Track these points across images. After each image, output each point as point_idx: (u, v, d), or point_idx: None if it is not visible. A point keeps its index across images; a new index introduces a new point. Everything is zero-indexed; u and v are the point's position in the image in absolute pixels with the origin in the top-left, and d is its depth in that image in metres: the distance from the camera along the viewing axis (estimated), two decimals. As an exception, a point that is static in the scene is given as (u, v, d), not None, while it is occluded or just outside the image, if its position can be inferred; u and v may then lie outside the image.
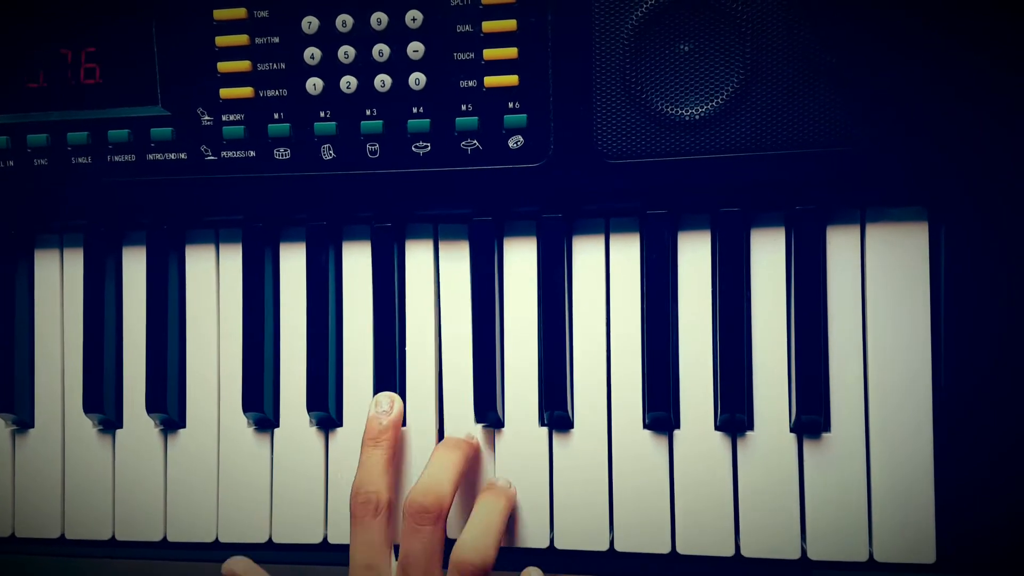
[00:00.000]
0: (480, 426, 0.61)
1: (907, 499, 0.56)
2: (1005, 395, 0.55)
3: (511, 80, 0.57)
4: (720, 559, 0.58)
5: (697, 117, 0.55)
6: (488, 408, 0.60)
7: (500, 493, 0.58)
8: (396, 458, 0.59)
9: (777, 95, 0.55)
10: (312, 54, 0.58)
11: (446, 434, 0.61)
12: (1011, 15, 0.52)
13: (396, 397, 0.60)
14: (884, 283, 0.57)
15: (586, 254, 0.61)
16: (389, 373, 0.61)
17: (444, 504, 0.55)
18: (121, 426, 0.65)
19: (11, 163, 0.62)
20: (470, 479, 0.61)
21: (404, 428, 0.62)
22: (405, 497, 0.56)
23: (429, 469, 0.57)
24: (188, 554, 0.64)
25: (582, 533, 0.59)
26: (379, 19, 0.57)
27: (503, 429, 0.61)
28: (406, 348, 0.62)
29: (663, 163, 0.56)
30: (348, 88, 0.58)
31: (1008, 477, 0.55)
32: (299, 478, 0.62)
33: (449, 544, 0.55)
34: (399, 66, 0.57)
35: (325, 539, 0.62)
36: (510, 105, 0.57)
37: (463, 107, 0.57)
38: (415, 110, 0.58)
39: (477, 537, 0.54)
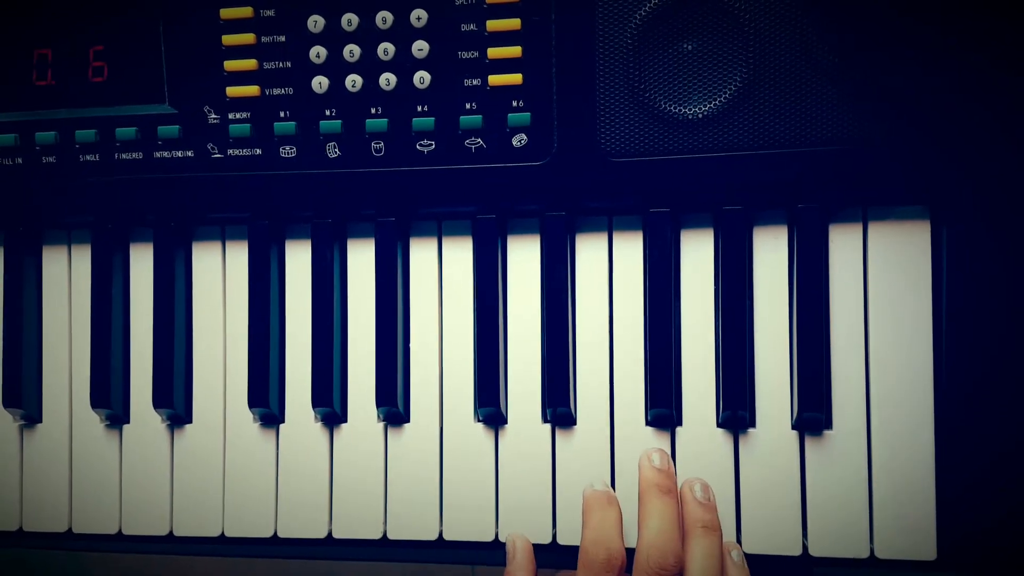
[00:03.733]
0: (481, 424, 0.61)
1: (908, 496, 0.56)
2: (1006, 393, 0.56)
3: (515, 79, 0.57)
4: (722, 555, 0.58)
5: (700, 116, 0.56)
6: (491, 405, 0.60)
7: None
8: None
9: (780, 94, 0.55)
10: (318, 53, 0.58)
11: (446, 432, 0.62)
12: (1012, 14, 0.52)
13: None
14: (886, 281, 0.58)
15: (589, 252, 0.61)
16: (392, 370, 0.61)
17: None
18: (128, 421, 0.66)
19: (19, 160, 0.62)
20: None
21: (407, 425, 0.62)
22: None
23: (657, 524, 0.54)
24: (194, 548, 0.64)
25: (584, 529, 0.60)
26: (384, 18, 0.58)
27: (506, 426, 0.61)
28: (410, 345, 0.63)
29: (666, 161, 0.57)
30: (353, 87, 0.58)
31: (1009, 475, 0.55)
32: (304, 473, 0.63)
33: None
34: (404, 65, 0.58)
35: (330, 534, 0.63)
36: (514, 104, 0.57)
37: (467, 106, 0.58)
38: (420, 108, 0.58)
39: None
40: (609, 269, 0.61)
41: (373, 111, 0.59)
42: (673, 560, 0.53)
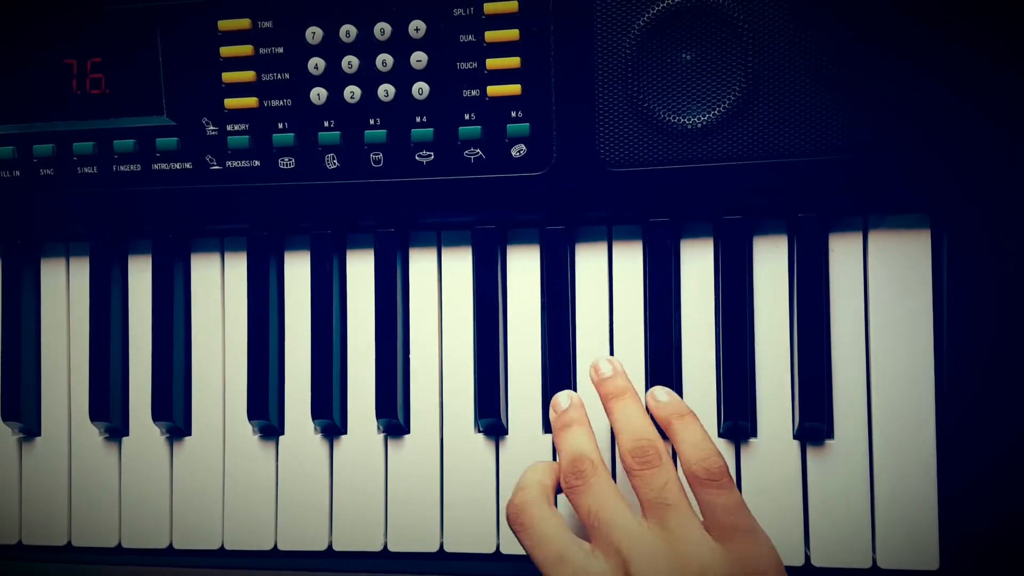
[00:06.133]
0: (481, 435, 0.61)
1: (910, 505, 0.56)
2: (1008, 401, 0.55)
3: (514, 89, 0.57)
4: (724, 566, 0.58)
5: (699, 125, 0.56)
6: (491, 416, 0.60)
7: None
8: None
9: (779, 103, 0.55)
10: (316, 64, 0.58)
11: (446, 443, 0.62)
12: (1011, 21, 0.52)
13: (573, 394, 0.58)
14: (886, 290, 0.57)
15: (589, 262, 0.61)
16: (392, 381, 0.61)
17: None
18: (127, 434, 0.65)
19: (17, 173, 0.62)
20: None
21: (408, 436, 0.62)
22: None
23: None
24: (194, 561, 0.64)
25: (586, 540, 0.59)
26: (382, 29, 0.57)
27: (507, 437, 0.61)
28: (410, 356, 0.62)
29: (665, 171, 0.57)
30: (352, 98, 0.58)
31: (1012, 484, 0.55)
32: (304, 486, 0.62)
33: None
34: (402, 76, 0.58)
35: (330, 546, 0.62)
36: (513, 114, 0.57)
37: (466, 116, 0.58)
38: (418, 119, 0.58)
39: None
40: (609, 278, 0.61)
41: (372, 122, 0.59)
42: (647, 432, 0.53)
